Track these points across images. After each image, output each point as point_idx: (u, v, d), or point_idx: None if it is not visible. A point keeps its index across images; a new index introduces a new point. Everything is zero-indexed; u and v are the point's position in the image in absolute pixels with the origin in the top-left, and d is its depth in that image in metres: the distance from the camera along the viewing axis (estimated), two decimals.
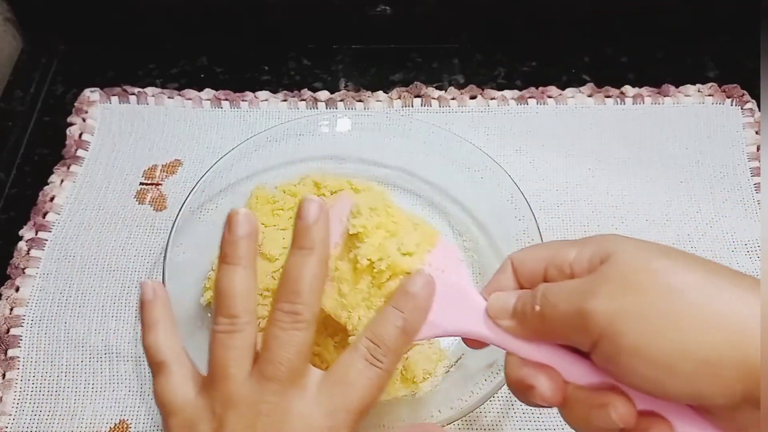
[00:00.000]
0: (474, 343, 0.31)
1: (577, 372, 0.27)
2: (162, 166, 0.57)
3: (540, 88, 0.62)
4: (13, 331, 0.49)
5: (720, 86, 0.61)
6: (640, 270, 0.25)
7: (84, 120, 0.60)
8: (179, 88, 0.62)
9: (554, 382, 0.27)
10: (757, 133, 0.59)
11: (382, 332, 0.30)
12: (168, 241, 0.45)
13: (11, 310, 0.50)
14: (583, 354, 0.27)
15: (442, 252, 0.33)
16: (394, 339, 0.30)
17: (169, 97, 0.61)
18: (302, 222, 0.31)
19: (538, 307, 0.27)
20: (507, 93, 0.61)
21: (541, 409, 0.46)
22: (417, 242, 0.32)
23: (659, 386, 0.24)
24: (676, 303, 0.23)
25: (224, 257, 0.31)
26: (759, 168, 0.57)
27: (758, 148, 0.58)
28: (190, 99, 0.61)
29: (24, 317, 0.49)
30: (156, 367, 0.31)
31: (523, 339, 0.29)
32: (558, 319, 0.27)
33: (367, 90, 0.62)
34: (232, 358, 0.30)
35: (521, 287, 0.30)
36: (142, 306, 0.33)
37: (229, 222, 0.31)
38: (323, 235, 0.31)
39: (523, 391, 0.28)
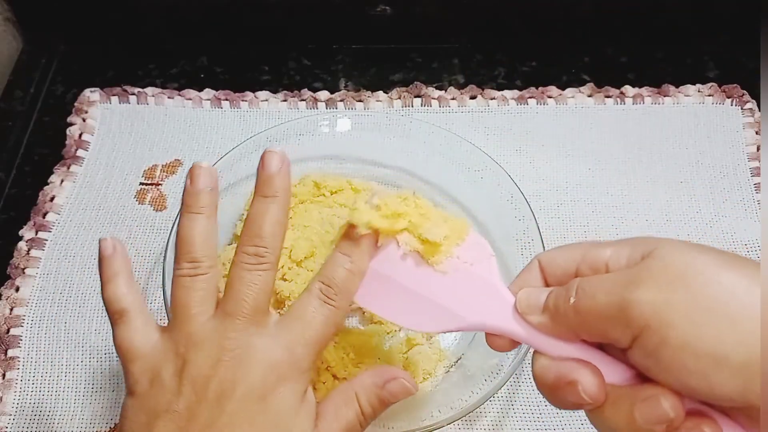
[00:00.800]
0: (499, 342, 0.30)
1: (611, 371, 0.26)
2: (162, 166, 0.57)
3: (540, 88, 0.62)
4: (13, 331, 0.49)
5: (720, 86, 0.62)
6: (687, 264, 0.24)
7: (84, 120, 0.60)
8: (179, 88, 0.62)
9: (598, 377, 0.26)
10: (757, 133, 0.59)
11: (333, 275, 0.32)
12: (168, 241, 0.45)
13: (11, 310, 0.50)
14: (613, 354, 0.27)
15: (472, 246, 0.33)
16: (344, 279, 0.32)
17: (169, 97, 0.61)
18: (265, 172, 0.32)
19: (573, 299, 0.26)
20: (507, 93, 0.61)
21: (540, 409, 0.46)
22: (445, 234, 0.32)
23: (705, 382, 0.23)
24: (726, 297, 0.23)
25: (186, 207, 0.33)
26: (759, 168, 0.57)
27: (758, 148, 0.58)
28: (190, 99, 0.61)
29: (24, 317, 0.49)
30: (116, 315, 0.32)
31: (554, 336, 0.28)
32: (596, 312, 0.26)
33: (367, 90, 0.62)
34: (194, 299, 0.31)
35: (549, 286, 0.29)
36: (102, 261, 0.33)
37: (192, 175, 0.33)
38: (285, 183, 0.32)
39: (560, 389, 0.27)
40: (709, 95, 0.61)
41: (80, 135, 0.59)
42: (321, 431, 0.30)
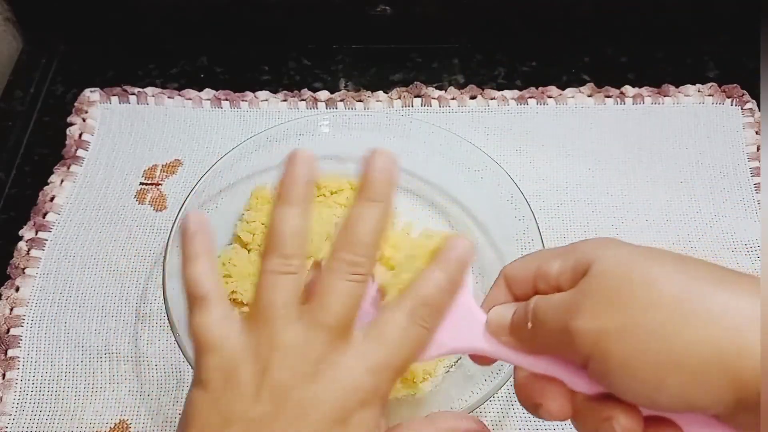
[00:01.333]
0: (481, 359, 0.31)
1: (582, 383, 0.27)
2: (162, 166, 0.57)
3: (540, 88, 0.62)
4: (13, 331, 0.49)
5: (720, 86, 0.62)
6: (620, 283, 0.24)
7: (84, 120, 0.60)
8: (179, 88, 0.62)
9: (560, 397, 0.27)
10: (757, 133, 0.59)
11: (427, 292, 0.29)
12: (168, 241, 0.45)
13: (11, 310, 0.50)
14: None
15: None
16: (439, 298, 0.29)
17: (169, 97, 0.61)
18: (372, 173, 0.30)
19: (530, 325, 0.27)
20: (507, 93, 0.61)
21: None
22: (418, 266, 0.32)
23: (652, 401, 0.24)
24: (656, 318, 0.23)
25: (283, 198, 0.30)
26: (759, 168, 0.57)
27: (758, 148, 0.58)
28: (190, 99, 0.61)
29: (24, 317, 0.49)
30: (196, 300, 0.30)
31: (525, 353, 0.28)
32: (549, 337, 0.26)
33: (367, 90, 0.62)
34: (282, 299, 0.29)
35: (517, 300, 0.30)
36: (185, 237, 0.31)
37: (291, 162, 0.30)
38: (391, 189, 0.30)
39: (532, 408, 0.28)
40: (709, 95, 0.61)
41: (80, 135, 0.59)
42: None
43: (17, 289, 0.50)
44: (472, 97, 0.61)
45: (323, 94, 0.61)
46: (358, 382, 0.28)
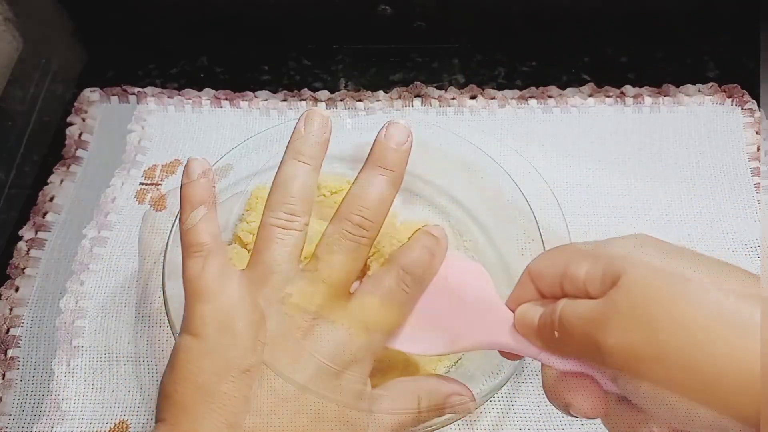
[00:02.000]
0: (510, 354, 0.31)
1: (615, 384, 0.26)
2: (162, 166, 0.57)
3: (540, 88, 0.62)
4: (13, 331, 0.49)
5: (720, 86, 0.62)
6: (650, 300, 0.23)
7: (84, 120, 0.60)
8: (179, 88, 0.62)
9: (591, 395, 0.26)
10: (757, 133, 0.59)
11: (414, 264, 0.30)
12: (168, 241, 0.45)
13: (11, 310, 0.50)
14: None
15: (456, 265, 0.32)
16: (422, 271, 0.31)
17: (169, 97, 0.61)
18: (385, 143, 0.31)
19: (556, 333, 0.26)
20: (507, 93, 0.61)
21: (540, 409, 0.46)
22: (399, 241, 0.32)
23: (682, 425, 0.23)
24: (686, 345, 0.22)
25: (295, 153, 0.31)
26: (759, 168, 0.57)
27: (758, 148, 0.58)
28: (190, 99, 0.61)
29: (24, 317, 0.49)
30: (193, 248, 0.30)
31: (552, 353, 0.28)
32: (576, 346, 0.26)
33: (367, 90, 0.62)
34: (285, 254, 0.29)
35: (543, 296, 0.29)
36: (186, 185, 0.31)
37: (307, 120, 0.31)
38: (403, 161, 0.31)
39: (562, 408, 0.28)
40: (709, 95, 0.61)
41: (80, 135, 0.59)
42: (375, 416, 0.29)
43: (17, 290, 0.50)
44: (472, 97, 0.61)
45: (323, 94, 0.61)
46: (353, 338, 0.29)
